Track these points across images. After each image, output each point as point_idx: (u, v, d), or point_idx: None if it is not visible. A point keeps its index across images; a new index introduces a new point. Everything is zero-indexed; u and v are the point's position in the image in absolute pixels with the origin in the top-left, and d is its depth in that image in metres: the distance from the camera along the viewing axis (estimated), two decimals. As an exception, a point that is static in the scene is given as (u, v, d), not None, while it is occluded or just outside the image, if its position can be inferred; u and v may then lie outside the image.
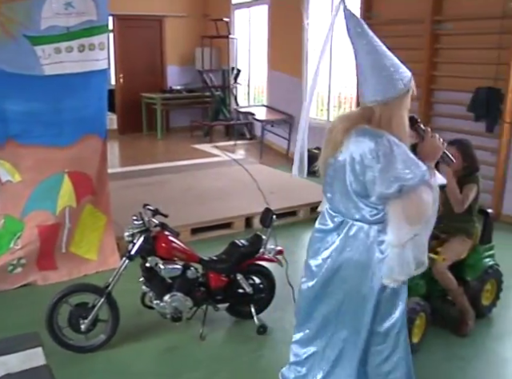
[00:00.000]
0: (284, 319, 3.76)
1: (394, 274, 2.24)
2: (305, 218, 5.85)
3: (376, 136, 2.14)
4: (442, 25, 6.39)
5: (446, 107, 6.46)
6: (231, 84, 10.66)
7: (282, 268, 3.91)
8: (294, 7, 8.51)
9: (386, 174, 2.10)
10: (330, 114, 8.51)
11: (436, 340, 3.48)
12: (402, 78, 2.15)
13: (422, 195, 2.13)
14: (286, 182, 6.86)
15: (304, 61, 8.71)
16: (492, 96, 5.74)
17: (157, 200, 4.73)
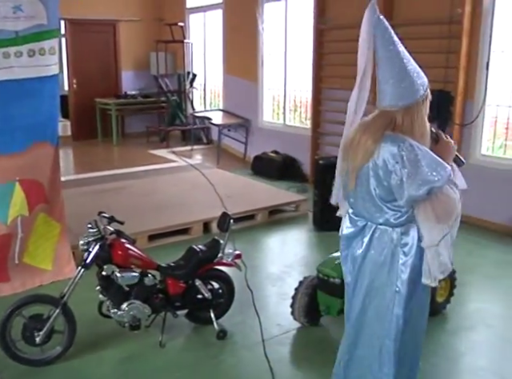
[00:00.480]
0: (244, 323, 3.75)
1: (433, 274, 2.26)
2: (263, 222, 5.87)
3: (398, 141, 2.17)
4: (393, 29, 6.51)
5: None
6: (187, 88, 10.61)
7: (241, 272, 3.92)
8: (248, 12, 8.57)
9: (414, 178, 2.13)
10: (285, 118, 8.56)
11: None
12: (423, 84, 2.23)
13: (449, 194, 2.18)
14: (244, 186, 6.88)
15: (259, 65, 8.75)
16: (442, 99, 5.89)
17: (113, 207, 4.67)
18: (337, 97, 7.31)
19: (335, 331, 3.65)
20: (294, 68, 8.28)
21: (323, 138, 7.70)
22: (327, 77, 7.47)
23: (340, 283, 3.40)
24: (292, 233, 5.80)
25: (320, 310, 3.59)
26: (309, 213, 6.09)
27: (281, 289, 4.28)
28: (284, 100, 8.54)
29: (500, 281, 4.49)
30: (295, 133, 8.20)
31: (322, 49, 7.43)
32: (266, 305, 4.05)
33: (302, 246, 5.56)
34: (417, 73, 2.22)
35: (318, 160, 5.98)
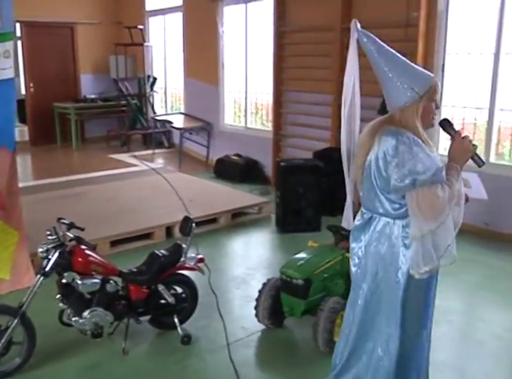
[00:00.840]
0: (209, 327, 3.74)
1: (416, 266, 2.31)
2: (226, 225, 5.86)
3: (398, 134, 2.27)
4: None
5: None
6: (147, 92, 10.51)
7: (205, 276, 3.90)
8: (208, 15, 8.56)
9: (402, 168, 2.21)
10: (247, 120, 8.58)
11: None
12: (414, 86, 2.28)
13: (435, 191, 2.20)
14: (206, 190, 6.86)
15: (220, 68, 8.74)
16: (400, 100, 6.01)
17: (73, 213, 4.57)
18: (298, 100, 7.38)
19: (299, 332, 3.68)
20: (255, 70, 8.30)
21: (285, 140, 7.74)
22: (288, 79, 7.52)
23: (303, 284, 3.43)
24: (255, 235, 5.81)
25: (284, 312, 3.60)
26: (271, 215, 6.12)
27: (245, 292, 4.28)
28: (245, 102, 8.55)
29: (461, 278, 4.60)
30: (257, 135, 8.23)
31: (283, 52, 7.48)
32: (230, 308, 4.04)
33: (266, 248, 5.58)
34: (403, 78, 2.29)
35: (280, 162, 6.01)
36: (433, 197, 2.20)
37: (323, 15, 6.78)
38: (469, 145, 2.31)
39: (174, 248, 3.56)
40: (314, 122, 7.13)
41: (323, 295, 3.50)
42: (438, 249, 2.29)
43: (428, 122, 2.36)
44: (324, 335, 3.31)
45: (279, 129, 7.73)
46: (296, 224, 5.68)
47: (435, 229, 2.24)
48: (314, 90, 7.02)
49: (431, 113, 2.33)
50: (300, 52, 7.23)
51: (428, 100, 2.30)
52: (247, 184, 7.57)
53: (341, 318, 3.40)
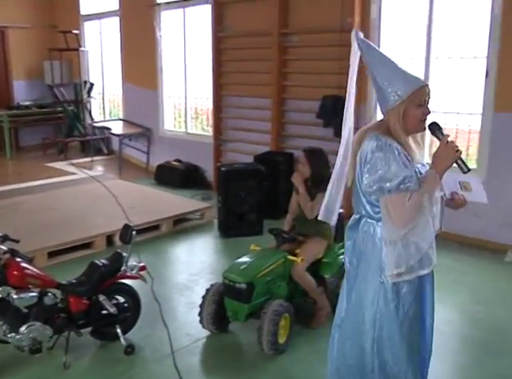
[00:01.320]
0: (153, 336, 3.69)
1: (388, 269, 2.31)
2: (168, 231, 5.80)
3: (377, 139, 2.28)
4: (288, 37, 6.72)
5: (297, 115, 6.80)
6: (84, 98, 10.28)
7: (148, 284, 3.85)
8: (146, 20, 8.48)
9: (373, 174, 2.25)
10: (187, 126, 8.53)
11: (301, 337, 3.62)
12: (397, 90, 2.28)
13: (402, 199, 2.21)
14: (147, 196, 6.77)
15: (159, 73, 8.66)
16: (337, 103, 6.13)
17: (9, 224, 4.43)
18: (238, 104, 7.41)
19: (244, 336, 3.69)
20: (195, 75, 8.28)
21: (225, 145, 7.75)
22: (227, 84, 7.54)
23: (246, 288, 3.44)
24: (198, 241, 5.78)
25: (228, 316, 3.60)
26: (214, 220, 6.11)
27: (189, 299, 4.25)
28: (185, 108, 8.51)
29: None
30: (197, 140, 8.20)
31: (221, 57, 7.49)
32: (174, 316, 4.00)
33: (209, 254, 5.56)
34: (388, 82, 2.31)
35: (221, 167, 6.01)
36: (399, 204, 2.22)
37: (260, 20, 6.85)
38: (452, 150, 2.25)
39: (114, 257, 3.50)
40: (255, 126, 7.19)
41: (267, 298, 3.52)
42: (410, 253, 2.29)
43: (416, 127, 2.34)
44: (268, 338, 3.32)
45: (220, 134, 7.74)
46: (238, 228, 5.69)
47: (404, 235, 2.26)
48: (254, 95, 7.08)
49: (418, 117, 2.31)
50: (239, 57, 7.27)
51: (413, 104, 2.29)
52: (189, 189, 7.52)
53: (285, 320, 3.45)
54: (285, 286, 3.63)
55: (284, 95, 6.86)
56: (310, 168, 3.79)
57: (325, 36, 6.32)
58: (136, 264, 3.58)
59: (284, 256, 3.65)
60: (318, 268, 3.83)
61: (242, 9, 7.13)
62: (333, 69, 6.16)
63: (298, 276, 3.66)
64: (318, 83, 6.38)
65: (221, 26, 7.38)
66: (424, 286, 2.47)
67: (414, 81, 2.31)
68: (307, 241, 3.78)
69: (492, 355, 3.49)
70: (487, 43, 5.22)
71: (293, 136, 6.82)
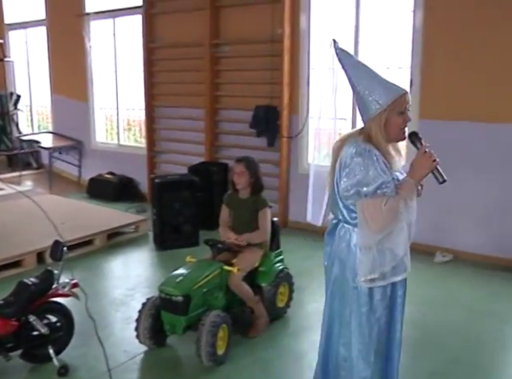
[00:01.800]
0: (88, 354, 3.57)
1: (362, 274, 2.34)
2: (102, 246, 5.67)
3: (357, 145, 2.30)
4: (220, 48, 6.75)
5: (231, 125, 6.83)
6: (11, 110, 9.89)
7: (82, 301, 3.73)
8: (74, 29, 8.29)
9: (352, 178, 2.28)
10: (120, 137, 8.39)
11: (240, 348, 3.61)
12: (378, 99, 2.30)
13: (379, 204, 2.24)
14: (80, 211, 6.59)
15: (89, 84, 8.47)
16: (270, 113, 6.24)
17: None
18: (171, 115, 7.36)
19: (182, 349, 3.65)
20: (126, 86, 8.15)
21: (159, 156, 7.68)
22: (160, 95, 7.48)
23: (182, 300, 3.41)
24: (133, 254, 5.68)
25: (165, 330, 3.55)
26: (149, 233, 6.02)
27: (125, 314, 4.16)
28: (117, 119, 8.36)
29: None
30: (130, 152, 8.07)
31: (153, 68, 7.43)
32: (110, 332, 3.90)
33: (144, 267, 5.46)
34: (368, 91, 2.33)
35: (155, 178, 5.94)
36: (376, 209, 2.24)
37: (192, 31, 6.86)
38: (429, 160, 2.29)
39: (44, 275, 3.37)
40: (188, 137, 7.16)
41: (204, 310, 3.50)
42: (385, 260, 2.32)
43: (397, 135, 2.37)
44: (207, 349, 3.30)
45: (153, 146, 7.66)
46: (174, 240, 5.64)
47: (379, 240, 2.28)
48: (187, 105, 7.06)
49: (399, 125, 2.34)
50: (171, 67, 7.23)
51: (394, 112, 2.32)
52: (123, 202, 7.39)
53: (223, 331, 3.44)
54: (222, 297, 3.63)
55: (217, 105, 6.88)
56: (251, 177, 3.80)
57: (256, 46, 6.40)
58: (68, 281, 3.47)
59: (220, 266, 3.65)
60: (254, 277, 3.85)
61: (174, 20, 7.10)
62: (265, 79, 6.26)
63: (234, 285, 3.66)
64: (251, 93, 6.45)
65: (152, 37, 7.33)
66: (396, 294, 2.49)
67: (394, 90, 2.33)
68: (243, 250, 3.79)
69: (426, 353, 3.60)
70: (410, 54, 5.46)
71: (227, 146, 6.84)
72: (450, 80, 5.24)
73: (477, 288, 4.73)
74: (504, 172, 5.09)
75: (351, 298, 2.45)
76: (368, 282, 2.35)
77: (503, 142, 5.06)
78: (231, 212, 3.97)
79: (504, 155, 5.07)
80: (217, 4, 6.63)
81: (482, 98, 5.10)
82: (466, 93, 5.16)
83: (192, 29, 6.86)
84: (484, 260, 5.24)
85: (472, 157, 5.23)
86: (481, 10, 5.00)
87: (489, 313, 4.22)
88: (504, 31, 4.92)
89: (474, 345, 3.72)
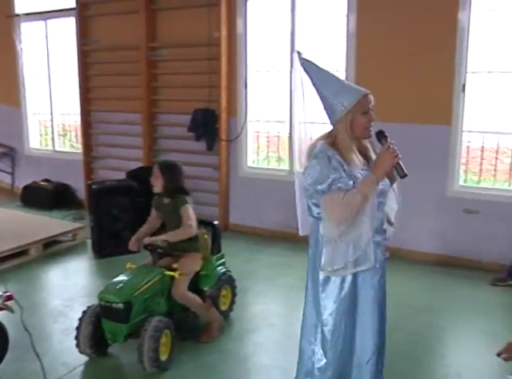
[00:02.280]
0: (24, 369, 3.43)
1: (325, 264, 2.47)
2: (38, 256, 5.48)
3: (318, 146, 2.47)
4: (157, 51, 6.69)
5: (169, 129, 6.78)
6: None
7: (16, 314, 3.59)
8: (4, 31, 7.99)
9: (310, 178, 2.44)
10: (55, 143, 8.14)
11: (183, 353, 3.58)
12: (342, 101, 2.45)
13: (336, 199, 2.37)
14: (13, 220, 6.35)
15: (21, 88, 8.18)
16: (208, 117, 6.23)
17: None
18: (108, 120, 7.22)
19: (125, 357, 3.57)
20: (61, 91, 7.93)
21: (96, 162, 7.51)
22: (96, 99, 7.33)
23: (123, 307, 3.35)
24: (71, 263, 5.52)
25: (106, 339, 3.48)
26: (87, 241, 5.88)
27: (63, 325, 4.03)
28: (52, 125, 8.12)
29: (277, 282, 4.88)
30: (66, 158, 7.86)
31: (88, 71, 7.27)
32: (48, 345, 3.76)
33: (83, 276, 5.32)
34: (333, 95, 2.47)
35: (92, 185, 5.80)
36: (333, 203, 2.39)
37: (128, 34, 6.75)
38: (391, 155, 2.42)
39: (-25, 288, 3.23)
40: (126, 142, 7.05)
41: (146, 316, 3.45)
42: (347, 251, 2.44)
43: (363, 133, 2.51)
44: (150, 355, 3.25)
45: (90, 151, 7.48)
46: (113, 247, 5.52)
47: (341, 233, 2.41)
48: (124, 110, 6.95)
49: (364, 124, 2.48)
50: (107, 71, 7.09)
51: (358, 113, 2.45)
52: (59, 210, 7.20)
53: (166, 337, 3.40)
54: (164, 302, 3.59)
55: (155, 109, 6.81)
56: (163, 181, 3.79)
57: (193, 50, 6.38)
58: (1, 294, 3.33)
59: (161, 272, 3.61)
60: (196, 281, 3.83)
61: (109, 23, 6.97)
62: (203, 82, 6.25)
63: (179, 296, 3.62)
64: (189, 97, 6.43)
65: (86, 40, 7.16)
66: (358, 288, 2.58)
67: (357, 91, 2.48)
68: (184, 255, 3.76)
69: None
70: (345, 58, 5.60)
71: (165, 150, 6.78)
72: (382, 83, 5.41)
73: (413, 283, 4.90)
74: (436, 171, 5.30)
75: (314, 290, 2.62)
76: (332, 272, 2.49)
77: (435, 142, 5.27)
78: (162, 216, 3.95)
79: (436, 155, 5.28)
80: (152, 7, 6.56)
81: (412, 101, 5.30)
82: (397, 95, 5.35)
83: (128, 32, 6.76)
84: (420, 256, 5.45)
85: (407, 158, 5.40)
86: (411, 12, 5.20)
87: (424, 306, 4.39)
88: (433, 33, 5.13)
89: (410, 338, 3.84)
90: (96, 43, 7.13)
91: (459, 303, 4.47)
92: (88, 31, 7.18)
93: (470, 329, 4.04)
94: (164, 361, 3.37)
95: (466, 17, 5.00)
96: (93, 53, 7.25)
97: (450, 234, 5.35)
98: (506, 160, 5.81)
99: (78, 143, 8.00)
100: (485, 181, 5.84)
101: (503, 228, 5.09)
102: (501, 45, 5.02)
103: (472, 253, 5.25)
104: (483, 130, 5.28)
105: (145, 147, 6.83)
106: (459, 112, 5.16)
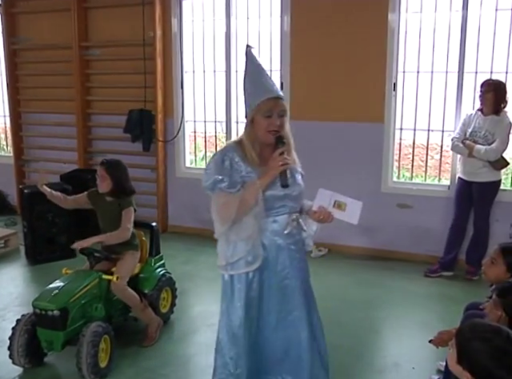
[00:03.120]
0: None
1: (218, 261, 2.56)
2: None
3: (226, 145, 2.57)
4: (89, 50, 6.54)
5: (104, 130, 6.64)
6: None
7: None
8: None
9: (203, 176, 2.49)
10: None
11: (124, 360, 3.53)
12: (250, 99, 2.45)
13: (217, 199, 2.44)
14: None
15: None
16: (144, 117, 6.15)
17: None
18: (40, 121, 7.00)
19: (63, 366, 3.48)
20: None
21: (29, 165, 7.26)
22: (26, 100, 7.08)
23: (59, 314, 3.26)
24: (3, 271, 5.29)
25: (42, 348, 3.38)
26: (20, 247, 5.68)
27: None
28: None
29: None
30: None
31: (18, 71, 7.01)
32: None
33: (16, 284, 5.09)
34: (249, 91, 2.47)
35: (24, 189, 5.60)
36: (214, 203, 2.46)
37: (59, 33, 6.56)
38: (277, 163, 2.37)
39: None
40: (60, 144, 6.85)
41: (83, 322, 3.38)
42: (230, 251, 2.49)
43: (263, 136, 2.44)
44: (88, 361, 3.18)
45: (21, 154, 7.22)
46: (49, 253, 5.37)
47: (224, 231, 2.45)
48: (57, 111, 6.76)
49: (264, 127, 2.41)
50: (38, 71, 6.87)
51: (260, 114, 2.41)
52: (-10, 216, 6.92)
53: (105, 343, 3.34)
54: (102, 307, 3.51)
55: (89, 110, 6.66)
56: (112, 180, 3.71)
57: (128, 49, 6.29)
58: None
59: (99, 276, 3.54)
60: (136, 283, 3.79)
61: (38, 21, 6.73)
62: (138, 82, 6.16)
63: (119, 291, 3.57)
64: (124, 97, 6.33)
65: (15, 38, 6.91)
66: (263, 283, 2.55)
67: (263, 93, 2.41)
68: (121, 257, 3.70)
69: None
70: (280, 58, 5.67)
71: (101, 152, 6.63)
72: (317, 82, 5.53)
73: (350, 278, 5.04)
74: (371, 168, 5.47)
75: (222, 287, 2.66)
76: (223, 269, 2.55)
77: (370, 140, 5.43)
78: (99, 214, 3.86)
79: (371, 152, 5.44)
80: (84, 5, 6.40)
81: (347, 99, 5.44)
82: (332, 94, 5.48)
83: (59, 30, 6.56)
84: (355, 251, 5.61)
85: (337, 155, 5.57)
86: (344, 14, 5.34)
87: (361, 300, 4.52)
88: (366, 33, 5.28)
89: (349, 331, 3.95)
90: (25, 42, 6.89)
91: (394, 295, 4.63)
92: (16, 28, 6.92)
93: (405, 320, 4.19)
94: (103, 368, 3.32)
95: (395, 18, 5.18)
96: (22, 52, 7.00)
97: (384, 229, 5.53)
98: (436, 156, 6.07)
99: (8, 146, 7.70)
100: (417, 176, 6.08)
101: (435, 221, 5.31)
102: (429, 45, 5.23)
103: (406, 246, 5.45)
104: (414, 128, 5.47)
105: (79, 149, 6.66)
106: (391, 110, 5.34)
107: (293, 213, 2.55)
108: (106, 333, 3.36)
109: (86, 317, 3.43)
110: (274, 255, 2.52)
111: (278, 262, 2.53)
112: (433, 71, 5.27)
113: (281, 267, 2.54)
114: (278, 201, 2.48)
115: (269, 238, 2.50)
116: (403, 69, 5.34)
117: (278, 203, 2.48)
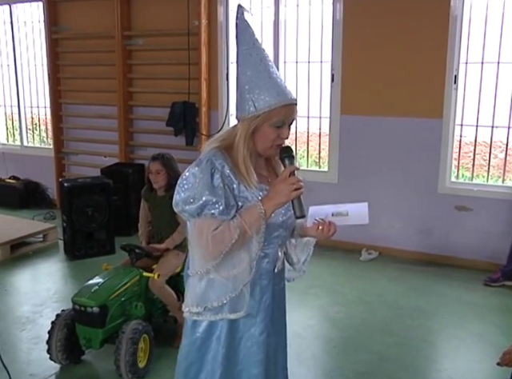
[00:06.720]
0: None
1: (187, 304, 2.00)
2: (4, 259, 5.46)
3: (210, 152, 1.92)
4: (132, 40, 6.67)
5: (147, 123, 6.77)
6: None
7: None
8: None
9: (179, 192, 1.89)
10: (23, 138, 8.08)
11: (163, 361, 3.58)
12: (255, 100, 1.89)
13: (205, 228, 1.85)
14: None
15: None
16: (188, 110, 6.23)
17: None
18: (81, 113, 7.19)
19: (100, 365, 3.58)
20: (30, 82, 7.86)
21: (69, 158, 7.48)
22: (67, 91, 7.29)
23: (99, 312, 3.36)
24: (41, 266, 5.49)
25: (81, 345, 3.48)
26: (59, 242, 5.87)
27: (31, 333, 3.99)
28: (19, 118, 8.05)
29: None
30: (36, 154, 7.80)
31: (59, 61, 7.22)
32: (14, 356, 3.67)
33: (55, 279, 5.28)
34: (249, 86, 1.91)
35: (64, 182, 5.78)
36: (200, 233, 1.86)
37: (101, 21, 6.73)
38: (289, 188, 1.84)
39: None
40: (100, 137, 7.03)
41: (123, 320, 3.47)
42: (214, 293, 1.95)
43: (265, 149, 1.95)
44: (127, 358, 3.26)
45: (61, 147, 7.45)
46: (87, 248, 5.53)
47: (209, 269, 1.90)
48: (98, 102, 6.93)
49: (271, 139, 1.92)
50: (79, 61, 7.07)
51: (268, 123, 1.89)
52: (29, 209, 7.17)
53: (144, 342, 3.42)
54: (142, 306, 3.59)
55: (131, 102, 6.80)
56: (167, 173, 3.79)
57: (172, 39, 6.38)
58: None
59: (139, 273, 3.63)
60: (176, 282, 3.84)
61: (80, 9, 6.92)
62: (182, 73, 6.25)
63: (157, 289, 3.65)
64: (167, 89, 6.42)
65: (56, 27, 7.12)
66: (235, 334, 2.03)
67: (278, 96, 1.90)
68: (165, 254, 3.78)
69: (351, 354, 3.75)
70: (331, 48, 5.65)
71: (142, 145, 6.78)
72: (369, 74, 5.48)
73: (402, 284, 4.97)
74: (421, 165, 5.39)
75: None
76: (192, 314, 2.00)
77: (426, 137, 5.35)
78: (151, 210, 3.96)
79: (427, 149, 5.36)
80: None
81: (403, 93, 5.37)
82: (385, 87, 5.42)
83: (101, 19, 6.73)
84: (408, 255, 5.53)
85: (390, 152, 5.50)
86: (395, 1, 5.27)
87: (414, 308, 4.46)
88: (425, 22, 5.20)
89: (400, 341, 3.91)
90: (67, 31, 7.09)
91: (450, 305, 4.55)
92: (58, 17, 7.13)
93: (461, 331, 4.11)
94: (141, 368, 3.39)
95: (459, 4, 5.07)
96: (63, 41, 7.21)
97: (440, 232, 5.44)
98: (500, 155, 5.92)
99: (48, 138, 7.96)
100: (478, 177, 5.95)
101: (497, 226, 5.19)
102: (496, 33, 5.10)
103: (463, 252, 5.34)
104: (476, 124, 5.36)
105: (120, 142, 6.81)
106: (451, 104, 5.25)
107: (283, 245, 2.11)
108: (146, 332, 3.44)
109: (125, 314, 3.52)
110: (256, 300, 2.02)
111: (260, 310, 2.03)
112: (499, 62, 5.14)
113: (261, 318, 2.05)
114: (274, 231, 1.99)
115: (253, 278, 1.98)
116: (466, 59, 5.23)
117: (273, 233, 2.00)
